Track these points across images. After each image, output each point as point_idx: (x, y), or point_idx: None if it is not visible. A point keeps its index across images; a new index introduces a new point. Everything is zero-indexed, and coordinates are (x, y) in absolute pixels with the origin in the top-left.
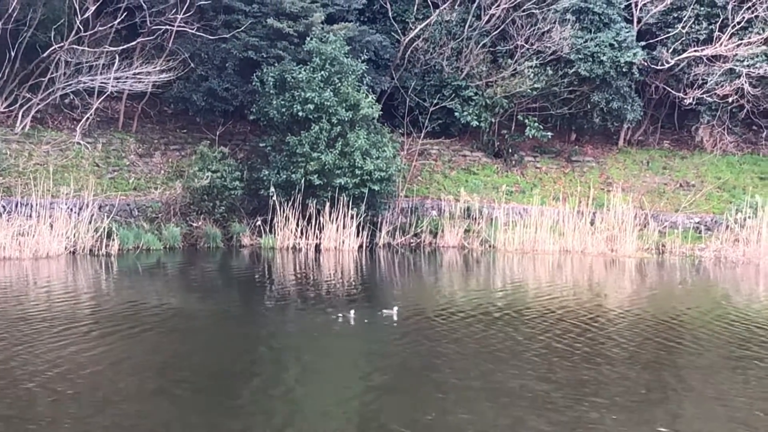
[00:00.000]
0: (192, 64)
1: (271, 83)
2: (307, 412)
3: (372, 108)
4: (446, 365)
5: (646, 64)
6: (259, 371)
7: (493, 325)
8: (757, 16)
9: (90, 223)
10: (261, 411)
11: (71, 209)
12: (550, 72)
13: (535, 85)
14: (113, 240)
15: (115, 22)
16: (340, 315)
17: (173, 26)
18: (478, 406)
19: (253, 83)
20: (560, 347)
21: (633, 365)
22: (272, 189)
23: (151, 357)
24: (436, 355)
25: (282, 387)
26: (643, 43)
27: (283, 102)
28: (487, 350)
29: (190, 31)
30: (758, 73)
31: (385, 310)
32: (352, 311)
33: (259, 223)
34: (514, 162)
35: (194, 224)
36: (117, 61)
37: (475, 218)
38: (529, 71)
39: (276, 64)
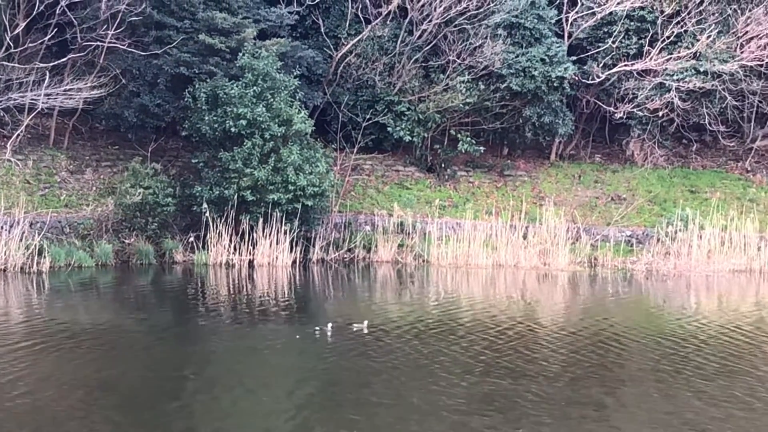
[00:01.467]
0: (123, 80)
1: (204, 99)
2: (228, 427)
3: (305, 123)
4: (368, 381)
5: (577, 78)
6: (187, 388)
7: (419, 339)
8: (686, 31)
9: (21, 240)
10: (185, 428)
11: (2, 227)
12: (482, 87)
13: (468, 100)
14: (44, 257)
15: (46, 39)
16: (317, 328)
17: (104, 42)
18: (383, 421)
19: (185, 99)
20: (485, 362)
21: (555, 380)
22: (205, 205)
23: (79, 375)
24: (359, 371)
25: (207, 404)
26: (574, 58)
27: (215, 118)
28: (410, 365)
29: (122, 47)
30: (687, 87)
31: (355, 324)
32: (330, 324)
33: (192, 239)
34: (446, 176)
35: (126, 241)
36: (48, 77)
37: (409, 233)
38: (461, 86)
39: (208, 80)
